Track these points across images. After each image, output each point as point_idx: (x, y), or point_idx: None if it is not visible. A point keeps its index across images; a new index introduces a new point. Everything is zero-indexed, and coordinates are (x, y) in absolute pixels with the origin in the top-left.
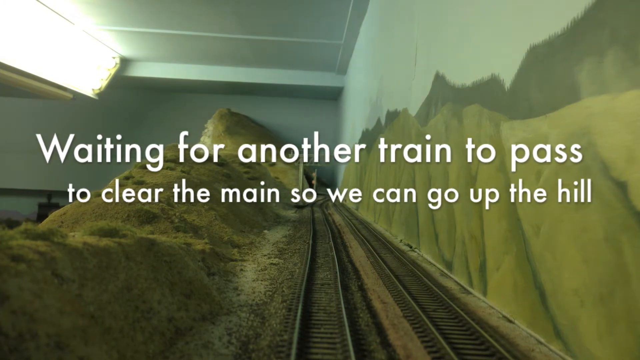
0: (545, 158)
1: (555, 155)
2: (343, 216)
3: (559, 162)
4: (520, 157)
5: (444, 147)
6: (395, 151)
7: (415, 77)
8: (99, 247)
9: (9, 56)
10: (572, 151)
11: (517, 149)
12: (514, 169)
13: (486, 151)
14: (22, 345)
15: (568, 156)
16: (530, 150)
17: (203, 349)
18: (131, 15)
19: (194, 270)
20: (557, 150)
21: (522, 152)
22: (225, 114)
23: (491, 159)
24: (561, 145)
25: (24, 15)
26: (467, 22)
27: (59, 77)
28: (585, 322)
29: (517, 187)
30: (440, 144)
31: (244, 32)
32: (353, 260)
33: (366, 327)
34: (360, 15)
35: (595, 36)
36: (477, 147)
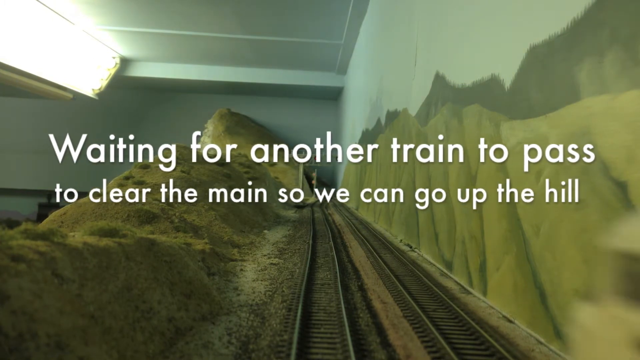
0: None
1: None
2: (343, 216)
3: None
4: (519, 157)
5: (443, 147)
6: (396, 151)
7: (415, 77)
8: (99, 247)
9: (9, 56)
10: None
11: (516, 149)
12: (513, 169)
13: (488, 151)
14: (22, 345)
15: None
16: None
17: (203, 349)
18: (131, 15)
19: (194, 270)
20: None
21: (523, 152)
22: (225, 114)
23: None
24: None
25: (24, 16)
26: (467, 22)
27: (59, 77)
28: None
29: (517, 187)
30: (440, 144)
31: (244, 32)
32: (353, 260)
33: (366, 327)
34: (360, 15)
35: (595, 36)
36: (476, 147)
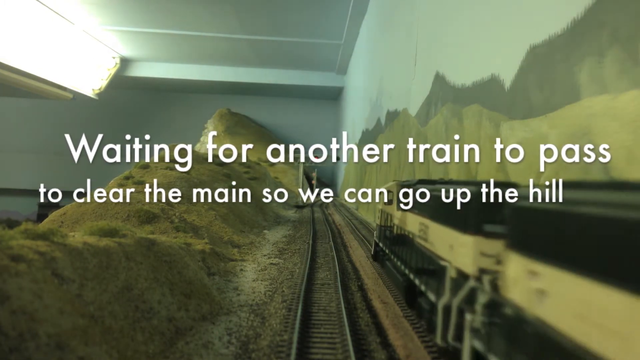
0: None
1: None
2: (343, 216)
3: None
4: (515, 158)
5: (442, 147)
6: (396, 151)
7: (415, 77)
8: (99, 247)
9: (9, 56)
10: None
11: (511, 148)
12: (514, 169)
13: (485, 151)
14: (23, 345)
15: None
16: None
17: (203, 349)
18: (132, 16)
19: (194, 270)
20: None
21: (518, 152)
22: (225, 114)
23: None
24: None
25: (24, 16)
26: (467, 22)
27: (59, 77)
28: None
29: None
30: (440, 144)
31: (244, 32)
32: (353, 260)
33: (366, 327)
34: (360, 15)
35: (595, 36)
36: (477, 146)
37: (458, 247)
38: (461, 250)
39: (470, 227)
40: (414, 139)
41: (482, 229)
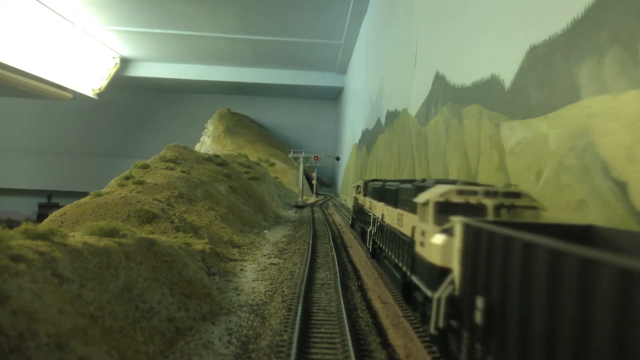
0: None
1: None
2: (343, 216)
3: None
4: (516, 157)
5: (443, 147)
6: (396, 151)
7: (415, 77)
8: (99, 247)
9: (9, 56)
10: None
11: (511, 148)
12: (514, 169)
13: (486, 151)
14: (23, 345)
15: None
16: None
17: (203, 349)
18: (132, 16)
19: (194, 270)
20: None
21: (518, 152)
22: (225, 114)
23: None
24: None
25: (25, 16)
26: (467, 22)
27: (59, 77)
28: None
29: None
30: (440, 144)
31: (244, 32)
32: (353, 260)
33: (366, 327)
34: (360, 15)
35: (595, 36)
36: (477, 147)
37: (378, 209)
38: (380, 210)
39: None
40: (414, 139)
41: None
